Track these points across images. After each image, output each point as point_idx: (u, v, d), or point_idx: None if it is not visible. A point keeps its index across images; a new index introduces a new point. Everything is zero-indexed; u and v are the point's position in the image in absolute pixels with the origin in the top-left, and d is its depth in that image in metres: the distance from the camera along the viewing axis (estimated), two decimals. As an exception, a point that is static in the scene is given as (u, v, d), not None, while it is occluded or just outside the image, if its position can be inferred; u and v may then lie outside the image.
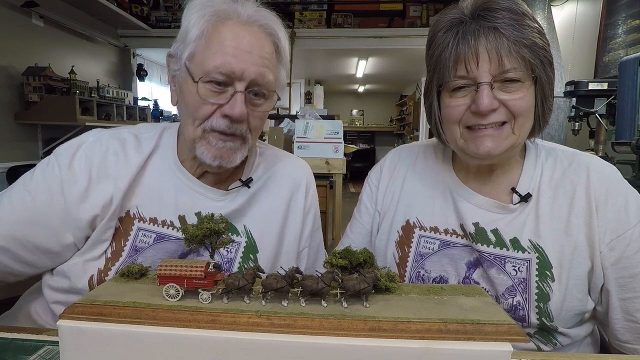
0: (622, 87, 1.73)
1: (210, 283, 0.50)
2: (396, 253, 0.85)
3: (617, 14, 2.76)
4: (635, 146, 1.61)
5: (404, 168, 0.91)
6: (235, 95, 0.69)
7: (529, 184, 0.76)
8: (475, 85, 0.68)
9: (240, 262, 0.80)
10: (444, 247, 0.81)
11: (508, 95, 0.68)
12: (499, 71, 0.66)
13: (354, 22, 5.22)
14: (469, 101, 0.70)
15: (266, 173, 0.87)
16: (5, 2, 2.88)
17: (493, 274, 0.74)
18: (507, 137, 0.70)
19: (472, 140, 0.72)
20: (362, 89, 10.01)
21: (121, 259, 0.73)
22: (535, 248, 0.72)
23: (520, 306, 0.71)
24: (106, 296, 0.50)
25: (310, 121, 2.28)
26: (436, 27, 0.73)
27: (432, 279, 0.81)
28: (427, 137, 6.45)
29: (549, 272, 0.71)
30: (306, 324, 0.45)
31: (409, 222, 0.85)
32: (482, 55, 0.66)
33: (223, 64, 0.68)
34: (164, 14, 4.90)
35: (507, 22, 0.66)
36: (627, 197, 0.71)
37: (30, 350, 0.57)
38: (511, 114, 0.69)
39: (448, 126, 0.74)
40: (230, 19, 0.71)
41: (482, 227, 0.76)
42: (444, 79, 0.71)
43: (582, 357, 0.69)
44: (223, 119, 0.71)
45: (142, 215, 0.76)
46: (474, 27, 0.67)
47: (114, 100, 3.69)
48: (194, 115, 0.71)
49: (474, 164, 0.78)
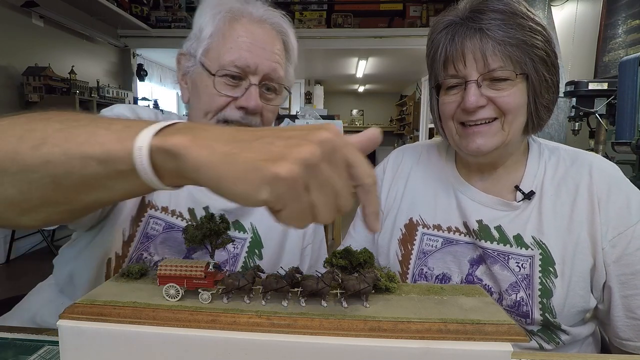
0: (622, 87, 1.74)
1: (210, 283, 0.50)
2: (399, 251, 0.86)
3: (617, 14, 2.76)
4: (635, 146, 1.62)
5: (407, 167, 0.92)
6: (250, 88, 0.73)
7: (532, 182, 0.77)
8: (464, 83, 0.71)
9: (246, 257, 0.81)
10: (447, 244, 0.81)
11: (496, 93, 0.71)
12: (485, 70, 0.70)
13: (354, 22, 5.22)
14: (459, 99, 0.73)
15: None
16: (5, 2, 2.88)
17: (497, 270, 0.75)
18: (496, 133, 0.72)
19: (464, 137, 0.75)
20: (362, 89, 10.01)
21: (133, 244, 0.74)
22: (538, 244, 0.73)
23: (523, 302, 0.72)
24: (106, 296, 0.50)
25: (310, 121, 2.29)
26: (434, 28, 0.76)
27: (435, 276, 0.81)
28: (427, 137, 6.45)
29: (551, 268, 0.71)
30: (306, 324, 0.45)
31: (412, 220, 0.86)
32: (468, 55, 0.70)
33: (238, 58, 0.71)
34: (164, 14, 4.90)
35: (494, 22, 0.69)
36: (629, 195, 0.72)
37: (30, 350, 0.57)
38: (500, 111, 0.71)
39: (445, 122, 0.78)
40: (243, 17, 0.74)
41: (486, 224, 0.77)
42: (438, 77, 0.75)
43: (582, 357, 0.69)
44: (238, 111, 0.73)
45: (155, 204, 0.77)
46: (462, 29, 0.71)
47: (114, 100, 3.70)
48: (208, 108, 0.73)
49: (471, 160, 0.80)
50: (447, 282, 0.79)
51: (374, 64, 6.64)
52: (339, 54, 5.89)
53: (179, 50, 0.80)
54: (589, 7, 3.14)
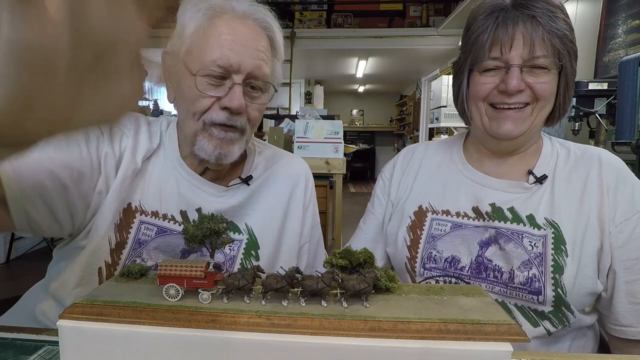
0: (622, 87, 1.74)
1: (210, 283, 0.50)
2: (407, 236, 0.87)
3: (617, 14, 2.76)
4: (635, 146, 1.62)
5: (417, 161, 0.95)
6: (233, 88, 0.71)
7: (546, 168, 0.81)
8: (506, 67, 0.74)
9: (242, 259, 0.81)
10: (455, 228, 0.83)
11: (534, 79, 0.74)
12: (529, 56, 0.73)
13: (354, 22, 5.22)
14: (497, 81, 0.76)
15: (266, 171, 0.89)
16: (5, 2, 2.88)
17: (510, 248, 0.77)
18: (526, 118, 0.76)
19: (494, 120, 0.78)
20: (362, 89, 10.01)
21: (125, 251, 0.74)
22: (550, 224, 0.76)
23: (536, 278, 0.73)
24: (106, 296, 0.50)
25: (310, 121, 2.28)
26: (477, 12, 0.79)
27: (444, 259, 0.82)
28: (427, 137, 6.45)
29: (563, 247, 0.74)
30: (306, 324, 0.45)
31: (421, 208, 0.88)
32: (517, 40, 0.73)
33: (220, 57, 0.69)
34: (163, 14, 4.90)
35: (545, 12, 0.72)
36: (634, 186, 0.76)
37: (30, 350, 0.57)
38: (534, 97, 0.75)
39: (474, 102, 0.80)
40: (225, 13, 0.72)
41: (499, 206, 0.80)
42: (479, 59, 0.77)
43: (582, 357, 0.69)
44: (222, 112, 0.72)
45: (144, 209, 0.76)
46: (514, 14, 0.73)
47: (114, 100, 3.69)
48: (193, 109, 0.72)
49: (490, 145, 0.84)
50: (457, 265, 0.81)
51: (373, 64, 6.64)
52: (339, 54, 5.89)
53: (163, 49, 0.78)
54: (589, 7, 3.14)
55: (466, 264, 0.80)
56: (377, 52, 5.72)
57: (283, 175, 0.90)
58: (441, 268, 0.81)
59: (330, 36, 5.08)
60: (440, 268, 0.82)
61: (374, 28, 5.11)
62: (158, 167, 0.79)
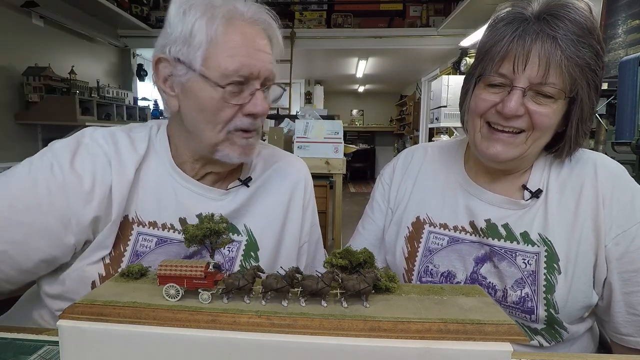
0: (622, 87, 1.73)
1: (210, 283, 0.50)
2: (405, 248, 0.87)
3: (617, 14, 2.76)
4: (635, 146, 1.61)
5: (417, 166, 0.93)
6: (255, 94, 0.72)
7: (539, 181, 0.78)
8: (510, 86, 0.69)
9: (242, 260, 0.80)
10: (452, 242, 0.82)
11: (536, 107, 0.68)
12: (540, 80, 0.66)
13: (354, 22, 5.22)
14: (497, 99, 0.71)
15: (265, 172, 0.88)
16: (5, 2, 2.88)
17: (504, 267, 0.75)
18: (518, 145, 0.72)
19: (486, 139, 0.74)
20: (362, 89, 10.00)
21: (122, 265, 0.72)
22: (544, 241, 0.74)
23: (528, 297, 0.72)
24: (106, 296, 0.50)
25: (310, 121, 2.28)
26: (499, 17, 0.72)
27: (440, 273, 0.82)
28: (427, 137, 6.44)
29: (556, 264, 0.72)
30: (306, 324, 0.45)
31: (419, 219, 0.87)
32: (533, 59, 0.66)
33: (242, 67, 0.69)
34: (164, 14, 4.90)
35: (568, 35, 0.65)
36: (633, 193, 0.73)
37: (30, 350, 0.57)
38: (531, 125, 0.70)
39: (472, 117, 0.77)
40: (235, 19, 0.70)
41: (494, 222, 0.78)
42: (486, 72, 0.72)
43: (582, 357, 0.69)
44: (246, 118, 0.72)
45: (141, 220, 0.75)
46: (535, 28, 0.66)
47: (114, 100, 3.69)
48: (215, 120, 0.71)
49: (485, 163, 0.80)
50: (452, 279, 0.80)
51: (374, 64, 6.63)
52: (339, 54, 5.88)
53: (154, 52, 0.74)
54: (589, 7, 3.14)
55: (461, 279, 0.79)
56: (377, 52, 5.72)
57: (282, 176, 0.90)
58: (437, 282, 0.81)
59: (330, 36, 5.08)
60: (437, 282, 0.81)
61: (374, 28, 5.11)
62: (152, 176, 0.77)
